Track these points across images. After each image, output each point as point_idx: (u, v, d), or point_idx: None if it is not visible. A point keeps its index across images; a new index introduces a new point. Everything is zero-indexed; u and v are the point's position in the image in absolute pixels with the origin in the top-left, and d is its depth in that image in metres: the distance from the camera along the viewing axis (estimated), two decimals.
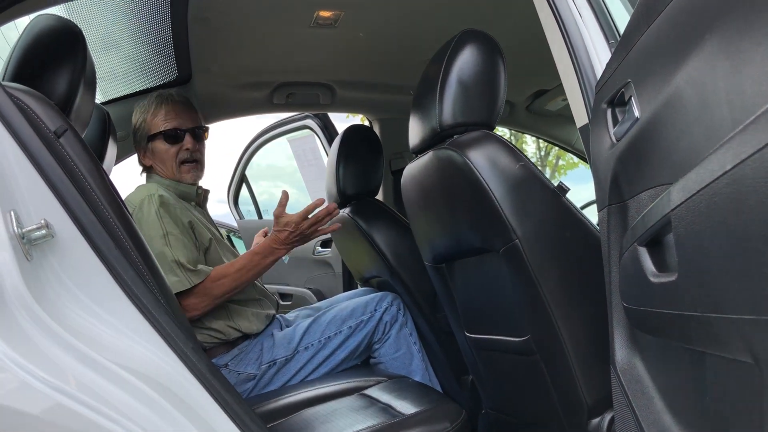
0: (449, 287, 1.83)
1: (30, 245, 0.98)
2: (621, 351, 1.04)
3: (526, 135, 8.32)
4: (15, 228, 0.95)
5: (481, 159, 1.46)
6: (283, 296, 3.42)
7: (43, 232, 0.98)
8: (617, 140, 1.02)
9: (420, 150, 1.72)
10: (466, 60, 1.56)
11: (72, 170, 1.08)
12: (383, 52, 2.56)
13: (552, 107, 3.07)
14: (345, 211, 2.40)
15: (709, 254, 0.66)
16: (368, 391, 1.85)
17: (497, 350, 1.68)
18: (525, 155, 1.49)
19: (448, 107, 1.55)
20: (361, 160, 2.41)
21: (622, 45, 1.00)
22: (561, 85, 2.91)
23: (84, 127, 1.59)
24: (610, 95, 1.05)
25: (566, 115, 3.16)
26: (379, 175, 2.46)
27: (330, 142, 3.29)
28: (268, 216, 4.00)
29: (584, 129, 1.29)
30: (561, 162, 16.11)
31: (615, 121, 1.05)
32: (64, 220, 1.03)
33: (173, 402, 1.00)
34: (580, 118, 1.31)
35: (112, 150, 2.09)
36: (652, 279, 0.81)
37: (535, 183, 1.45)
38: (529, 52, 2.34)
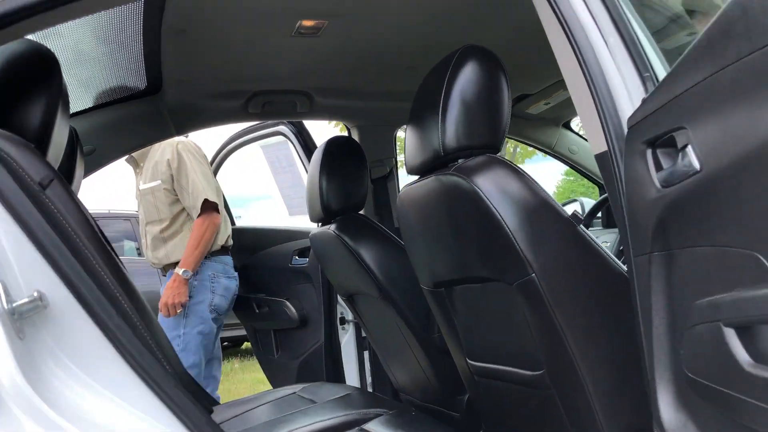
0: (448, 311, 1.76)
1: (21, 320, 0.86)
2: (669, 410, 0.97)
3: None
4: (4, 304, 0.83)
5: (490, 186, 1.38)
6: (260, 305, 3.30)
7: (35, 304, 0.87)
8: (664, 185, 0.95)
9: (420, 172, 1.63)
10: (468, 79, 1.48)
11: (62, 227, 0.96)
12: (365, 59, 2.46)
13: (533, 111, 3.02)
14: (330, 228, 2.30)
15: None
16: (368, 426, 1.78)
17: (505, 380, 1.61)
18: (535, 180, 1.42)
19: (451, 129, 1.47)
20: (346, 174, 2.30)
21: (669, 82, 0.93)
22: (544, 89, 2.86)
23: (60, 156, 1.47)
24: (651, 136, 0.98)
25: (547, 118, 3.11)
26: (364, 189, 2.35)
27: (305, 148, 3.17)
28: (241, 223, 3.87)
29: (602, 156, 1.23)
30: (519, 150, 16.19)
31: (658, 165, 0.98)
32: (57, 286, 0.91)
33: None
34: (598, 145, 1.24)
35: (80, 167, 1.96)
36: (750, 370, 0.74)
37: (549, 212, 1.38)
38: (512, 57, 2.27)
